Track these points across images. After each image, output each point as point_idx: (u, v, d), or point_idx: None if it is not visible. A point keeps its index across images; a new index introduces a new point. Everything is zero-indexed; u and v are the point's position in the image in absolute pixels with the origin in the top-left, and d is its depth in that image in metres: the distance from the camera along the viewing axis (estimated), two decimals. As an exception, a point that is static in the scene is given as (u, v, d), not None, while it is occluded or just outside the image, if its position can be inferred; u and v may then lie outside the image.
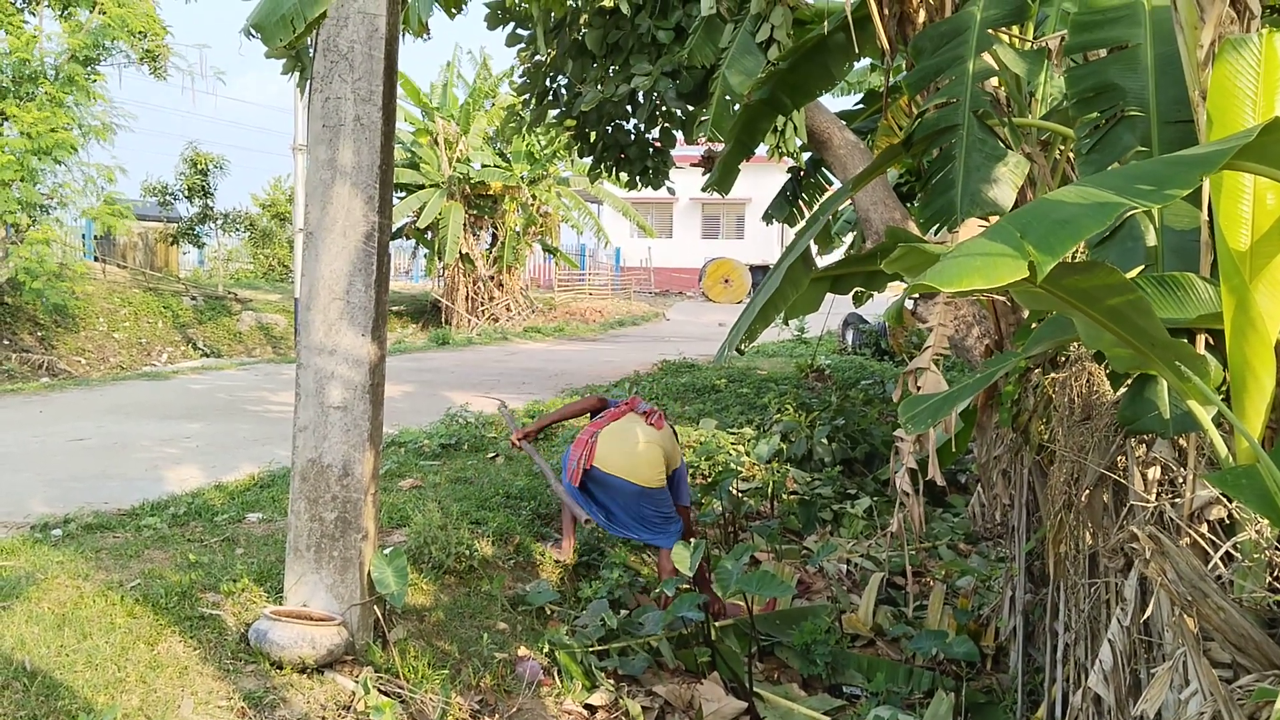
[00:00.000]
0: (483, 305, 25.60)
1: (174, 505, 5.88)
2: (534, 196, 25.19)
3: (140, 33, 19.42)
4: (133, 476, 6.86)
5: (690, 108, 8.21)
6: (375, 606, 4.36)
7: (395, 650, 4.25)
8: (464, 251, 24.60)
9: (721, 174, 6.59)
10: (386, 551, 4.42)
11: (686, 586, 5.39)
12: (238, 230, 29.33)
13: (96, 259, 24.22)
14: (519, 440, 6.05)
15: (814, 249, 4.47)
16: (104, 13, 18.31)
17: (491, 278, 25.79)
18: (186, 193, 25.95)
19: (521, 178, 24.41)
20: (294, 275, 24.95)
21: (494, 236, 26.11)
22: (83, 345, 19.25)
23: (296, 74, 5.96)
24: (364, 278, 4.23)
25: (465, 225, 24.43)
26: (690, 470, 8.28)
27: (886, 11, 4.92)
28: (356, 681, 4.02)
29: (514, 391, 11.91)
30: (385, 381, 4.47)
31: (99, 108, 18.49)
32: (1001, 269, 2.03)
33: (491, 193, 24.60)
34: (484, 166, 24.22)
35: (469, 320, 24.85)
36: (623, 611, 5.48)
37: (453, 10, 6.23)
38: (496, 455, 7.62)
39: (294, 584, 4.30)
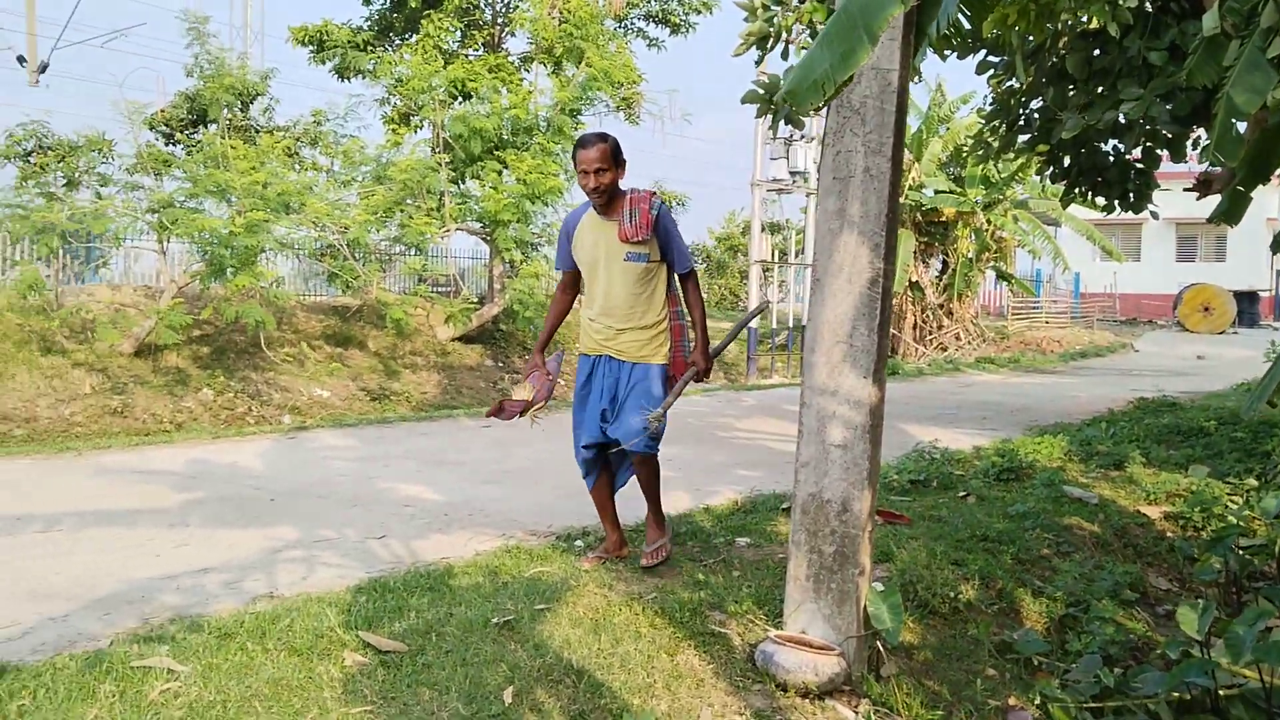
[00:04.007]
0: (931, 334, 25.24)
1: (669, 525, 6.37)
2: (989, 221, 24.49)
3: (619, 83, 21.26)
4: (629, 495, 7.51)
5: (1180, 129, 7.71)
6: (871, 641, 4.50)
7: (894, 684, 4.36)
8: (913, 279, 24.45)
9: (1231, 204, 6.13)
10: (881, 588, 4.54)
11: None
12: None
13: (570, 289, 26.71)
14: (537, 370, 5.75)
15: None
16: (590, 66, 20.23)
17: (941, 306, 25.37)
18: (654, 227, 28.04)
19: (975, 202, 23.86)
20: (743, 305, 25.99)
21: (944, 263, 25.73)
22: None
23: (768, 117, 6.32)
24: (867, 322, 4.39)
25: (915, 253, 24.28)
26: (1181, 522, 7.68)
27: None
28: (856, 712, 4.17)
29: (974, 426, 11.67)
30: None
31: (583, 154, 20.43)
32: None
33: (944, 219, 24.27)
34: (937, 193, 23.95)
35: (917, 349, 24.60)
36: (1116, 670, 5.22)
37: (944, 53, 6.29)
38: (968, 495, 7.53)
39: (792, 611, 4.53)
